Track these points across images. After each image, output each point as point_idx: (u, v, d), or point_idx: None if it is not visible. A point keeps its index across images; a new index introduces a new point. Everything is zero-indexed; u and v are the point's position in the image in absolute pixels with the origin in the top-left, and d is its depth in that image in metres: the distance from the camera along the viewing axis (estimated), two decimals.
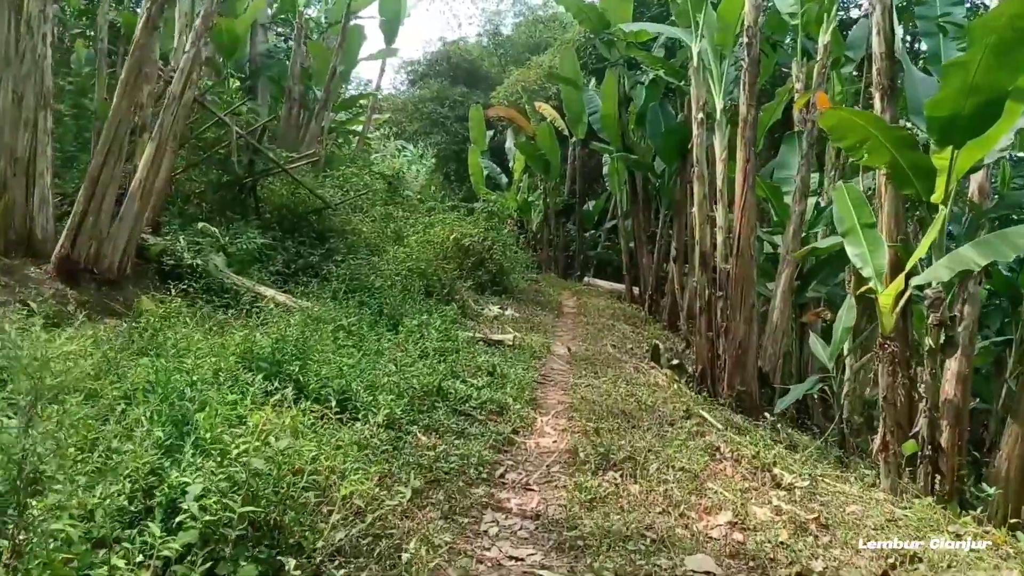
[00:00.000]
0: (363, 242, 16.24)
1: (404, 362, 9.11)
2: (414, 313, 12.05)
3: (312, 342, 8.84)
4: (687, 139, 20.05)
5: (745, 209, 12.63)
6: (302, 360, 7.89)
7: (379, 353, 9.61)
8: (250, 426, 5.58)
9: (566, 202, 33.27)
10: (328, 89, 21.59)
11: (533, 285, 22.46)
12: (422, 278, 14.15)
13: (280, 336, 8.41)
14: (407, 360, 9.25)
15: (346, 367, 8.05)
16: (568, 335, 15.65)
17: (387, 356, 9.43)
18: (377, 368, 8.52)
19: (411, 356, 9.53)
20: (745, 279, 12.64)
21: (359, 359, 8.78)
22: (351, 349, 9.42)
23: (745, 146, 12.65)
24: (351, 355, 9.03)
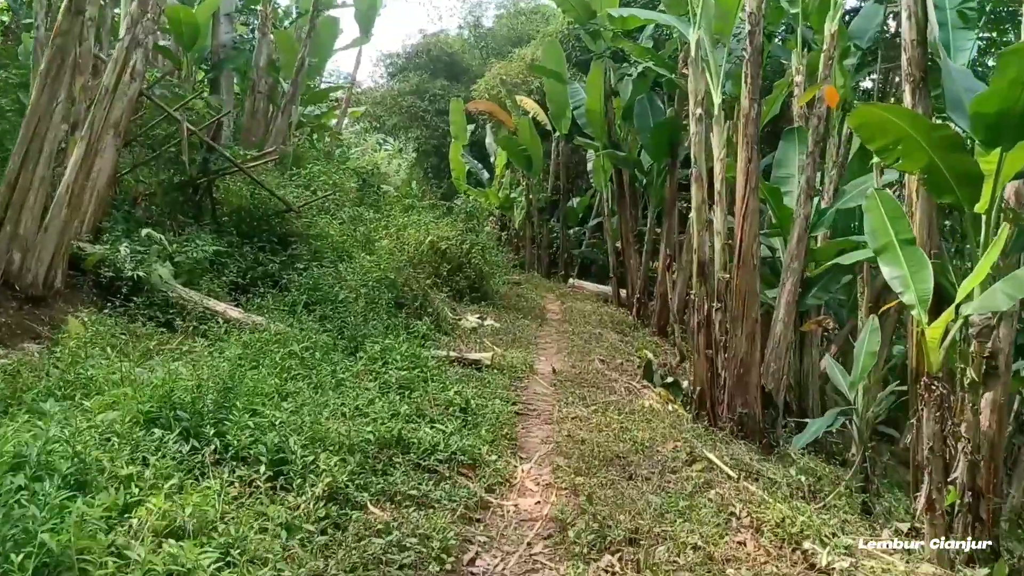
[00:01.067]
0: (329, 247, 14.83)
1: (360, 402, 7.70)
2: (378, 334, 10.66)
3: (250, 379, 7.45)
4: (677, 135, 18.79)
5: (747, 213, 11.26)
6: (230, 407, 6.48)
7: (333, 388, 8.22)
8: (135, 524, 4.21)
9: (549, 199, 31.93)
10: (296, 82, 20.07)
11: (514, 289, 21.05)
12: (391, 289, 12.75)
13: (210, 374, 7.01)
14: (364, 398, 7.84)
15: (287, 415, 6.62)
16: (552, 348, 14.27)
17: (341, 392, 8.04)
18: (326, 412, 7.12)
19: (370, 392, 8.13)
20: (747, 290, 11.28)
21: (305, 400, 7.38)
22: (299, 384, 8.04)
23: (747, 144, 11.27)
24: (297, 394, 7.65)
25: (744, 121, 11.35)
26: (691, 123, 11.55)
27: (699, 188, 11.34)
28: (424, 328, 12.01)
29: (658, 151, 19.35)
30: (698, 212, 11.30)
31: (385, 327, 11.43)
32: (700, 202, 11.31)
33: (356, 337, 10.29)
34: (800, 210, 12.70)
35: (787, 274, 12.70)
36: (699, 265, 11.25)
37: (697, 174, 11.36)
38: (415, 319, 12.49)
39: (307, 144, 28.04)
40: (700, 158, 11.39)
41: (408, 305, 12.77)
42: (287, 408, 6.91)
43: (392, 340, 10.21)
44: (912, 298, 7.24)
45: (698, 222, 11.29)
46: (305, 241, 14.48)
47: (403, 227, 16.49)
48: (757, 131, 11.42)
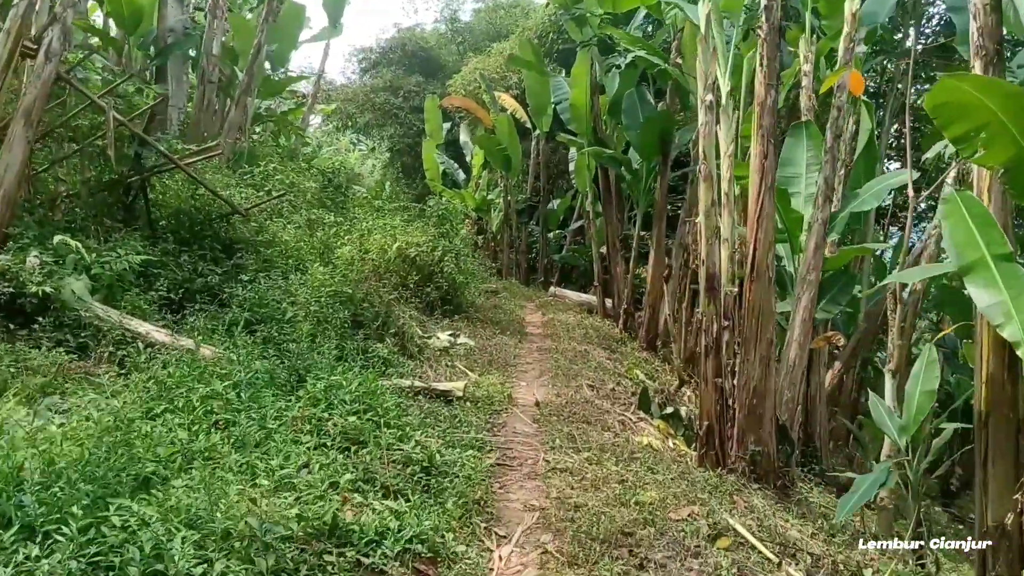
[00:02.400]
0: (282, 255, 13.01)
1: (289, 466, 5.91)
2: (327, 363, 8.85)
3: (148, 436, 5.69)
4: (669, 131, 17.10)
5: (762, 217, 9.53)
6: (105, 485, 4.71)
7: (259, 442, 6.43)
8: None
9: (528, 200, 30.24)
10: (252, 71, 18.14)
11: (492, 299, 19.26)
12: (348, 305, 10.93)
13: (96, 429, 5.26)
14: (295, 460, 6.05)
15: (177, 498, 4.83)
16: (534, 369, 12.52)
17: (268, 450, 6.25)
18: (237, 486, 5.32)
19: (304, 449, 6.33)
20: (762, 307, 9.55)
21: (216, 465, 5.61)
22: (215, 438, 6.24)
23: (762, 137, 9.54)
24: (210, 454, 5.89)
25: (759, 111, 9.63)
26: (699, 112, 9.80)
27: (708, 189, 9.59)
28: (385, 352, 10.26)
29: (648, 149, 17.63)
30: (707, 217, 9.55)
31: (337, 353, 9.65)
32: (709, 205, 9.55)
33: (299, 368, 8.47)
34: (818, 214, 11.03)
35: (802, 287, 11.00)
36: (708, 279, 9.49)
37: (706, 172, 9.60)
38: (376, 341, 10.71)
39: (271, 141, 26.25)
40: (710, 153, 9.64)
41: (367, 324, 10.97)
42: (181, 484, 5.10)
43: (343, 372, 8.38)
44: (1017, 331, 5.44)
45: (707, 229, 9.53)
46: (253, 249, 12.67)
47: (367, 232, 14.68)
48: (774, 122, 9.70)
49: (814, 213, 11.08)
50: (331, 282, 10.97)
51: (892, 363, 9.89)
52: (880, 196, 12.79)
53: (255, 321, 10.57)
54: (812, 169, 12.69)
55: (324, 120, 42.87)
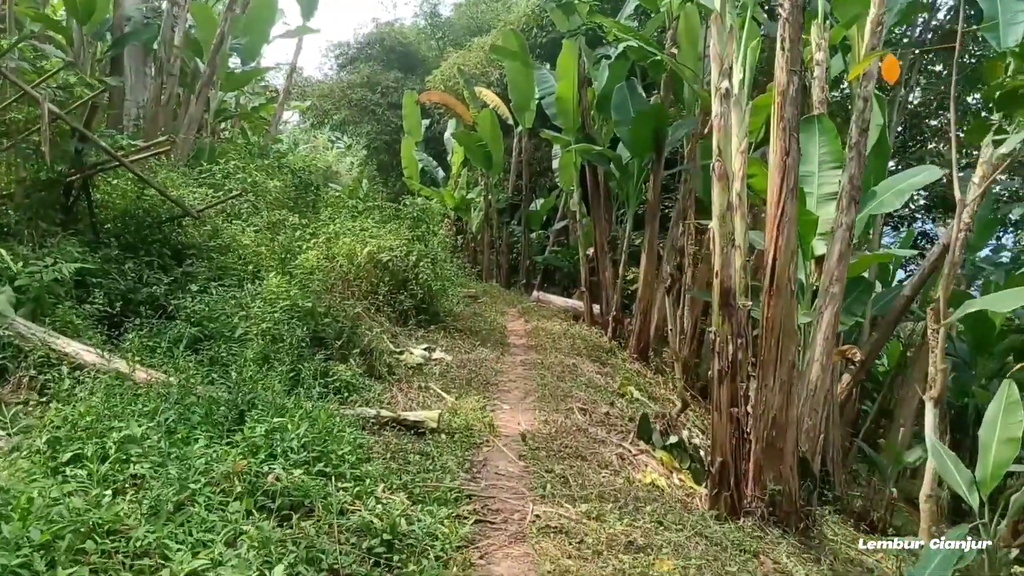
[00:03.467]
0: (239, 262, 11.57)
1: (215, 547, 4.51)
2: (277, 394, 7.43)
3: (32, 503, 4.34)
4: (663, 126, 15.79)
5: (783, 223, 8.22)
6: None
7: (179, 508, 5.02)
8: None
9: (510, 200, 28.83)
10: (213, 62, 16.65)
11: (471, 305, 17.86)
12: (308, 320, 9.50)
13: None
14: (221, 534, 4.64)
15: None
16: (518, 389, 11.12)
17: (186, 521, 4.85)
18: None
19: (234, 520, 4.91)
20: (783, 326, 8.24)
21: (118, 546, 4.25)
22: (122, 505, 4.85)
23: (784, 131, 8.23)
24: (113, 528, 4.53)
25: (780, 100, 8.32)
26: (713, 102, 8.41)
27: (724, 190, 8.21)
28: (348, 375, 8.85)
29: (640, 145, 16.28)
30: (722, 222, 8.17)
31: (291, 378, 8.25)
32: (725, 209, 8.17)
33: (241, 401, 7.04)
34: (842, 217, 9.74)
35: (825, 301, 9.68)
36: (723, 294, 8.11)
37: (722, 170, 8.21)
38: (339, 361, 9.29)
39: (240, 138, 24.77)
40: (726, 149, 8.26)
41: (329, 342, 9.54)
42: None
43: (293, 406, 6.97)
44: None
45: (721, 236, 8.15)
46: (205, 255, 11.24)
47: (334, 236, 13.25)
48: (797, 114, 8.38)
49: (838, 216, 9.77)
50: (287, 294, 9.52)
51: (935, 390, 8.54)
52: (903, 195, 11.55)
53: (203, 337, 9.21)
54: (827, 167, 11.40)
55: (303, 118, 41.41)
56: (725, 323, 8.10)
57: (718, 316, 8.16)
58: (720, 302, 8.13)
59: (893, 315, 13.57)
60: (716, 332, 8.16)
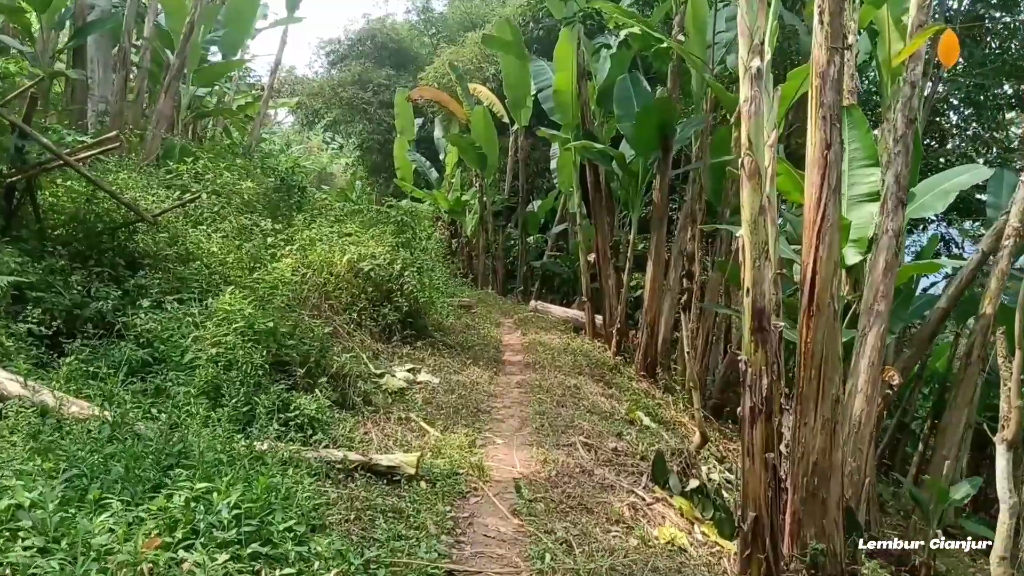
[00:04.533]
0: (203, 272, 10.22)
1: None
2: (217, 440, 6.09)
3: None
4: (670, 122, 14.43)
5: (824, 230, 6.92)
6: None
7: None
8: None
9: (506, 202, 27.51)
10: (183, 53, 15.22)
11: (463, 316, 16.52)
12: (269, 341, 8.15)
13: None
14: None
15: None
16: (513, 418, 9.77)
17: None
18: None
19: None
20: (826, 352, 6.92)
21: None
22: None
23: (823, 121, 6.93)
24: None
25: (819, 84, 7.01)
26: (743, 84, 7.07)
27: (755, 189, 6.86)
28: (314, 407, 7.49)
29: (645, 143, 14.94)
30: (754, 229, 6.82)
31: (243, 414, 6.95)
32: (756, 213, 6.83)
33: (172, 449, 5.69)
34: (888, 223, 8.45)
35: (869, 320, 8.37)
36: (756, 315, 6.77)
37: (753, 167, 6.88)
38: (304, 391, 7.96)
39: (226, 137, 23.43)
40: (757, 141, 6.92)
41: (294, 367, 8.20)
42: None
43: (232, 460, 5.62)
44: None
45: (753, 245, 6.81)
46: (162, 265, 9.90)
47: (311, 242, 11.93)
48: (839, 100, 7.06)
49: (881, 221, 8.46)
50: (242, 313, 8.16)
51: (1008, 431, 7.19)
52: (947, 197, 10.25)
53: (153, 361, 7.90)
54: (858, 165, 10.08)
55: (296, 118, 40.19)
56: (758, 351, 6.76)
57: (749, 342, 6.83)
58: (752, 325, 6.79)
59: (928, 330, 12.26)
60: (747, 361, 6.83)
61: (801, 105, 13.07)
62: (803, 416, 6.99)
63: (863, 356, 8.27)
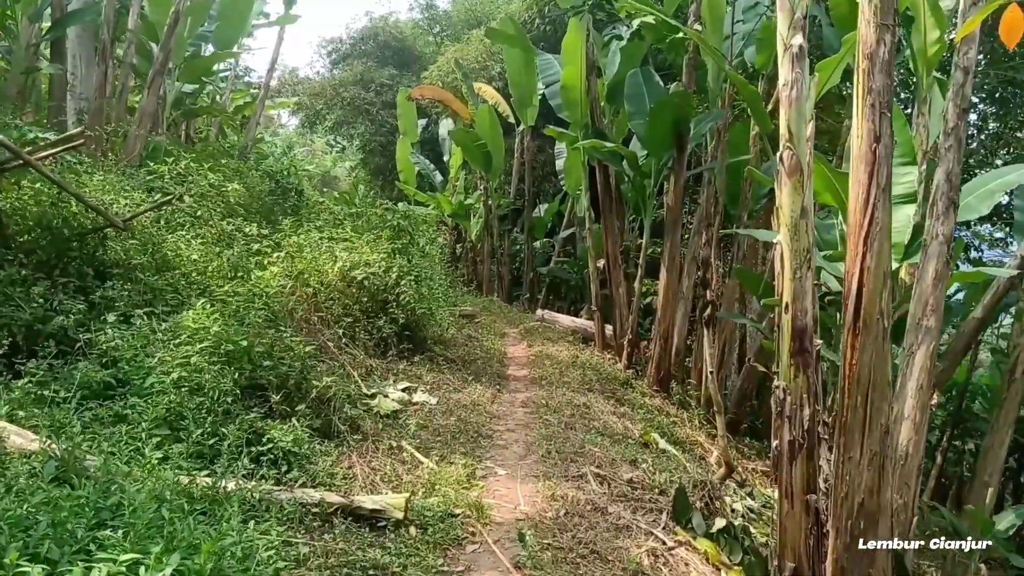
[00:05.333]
0: (179, 282, 9.33)
1: None
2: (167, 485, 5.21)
3: None
4: (685, 119, 13.55)
5: (872, 236, 5.98)
6: None
7: None
8: None
9: (512, 205, 26.61)
10: (167, 47, 14.33)
11: (466, 327, 15.62)
12: (243, 362, 7.25)
13: None
14: None
15: None
16: (517, 444, 8.86)
17: None
18: None
19: None
20: (874, 377, 5.99)
21: None
22: None
23: (871, 109, 5.97)
24: None
25: (866, 66, 6.06)
26: (782, 65, 6.15)
27: (796, 189, 5.95)
28: (290, 439, 6.59)
29: (658, 141, 14.05)
30: (794, 234, 5.93)
31: (209, 447, 6.08)
32: (798, 216, 5.93)
33: (105, 504, 4.81)
34: (938, 227, 7.52)
35: (917, 336, 7.44)
36: (796, 335, 5.87)
37: (794, 162, 5.96)
38: (281, 419, 7.07)
39: (219, 138, 22.56)
40: (798, 131, 6.01)
41: (271, 391, 7.30)
42: None
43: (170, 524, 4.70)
44: None
45: (794, 254, 5.91)
46: (132, 274, 9.00)
47: (299, 248, 11.05)
48: (890, 84, 6.12)
49: (931, 226, 7.54)
50: (210, 331, 7.25)
51: None
52: (992, 198, 9.36)
53: (116, 383, 7.04)
54: (895, 162, 9.18)
55: (299, 120, 39.38)
56: (799, 376, 5.86)
57: (788, 366, 5.93)
58: (791, 347, 5.89)
59: (962, 342, 11.31)
60: (785, 388, 5.93)
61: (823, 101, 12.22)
62: (847, 450, 6.07)
63: (911, 378, 7.36)
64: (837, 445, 6.17)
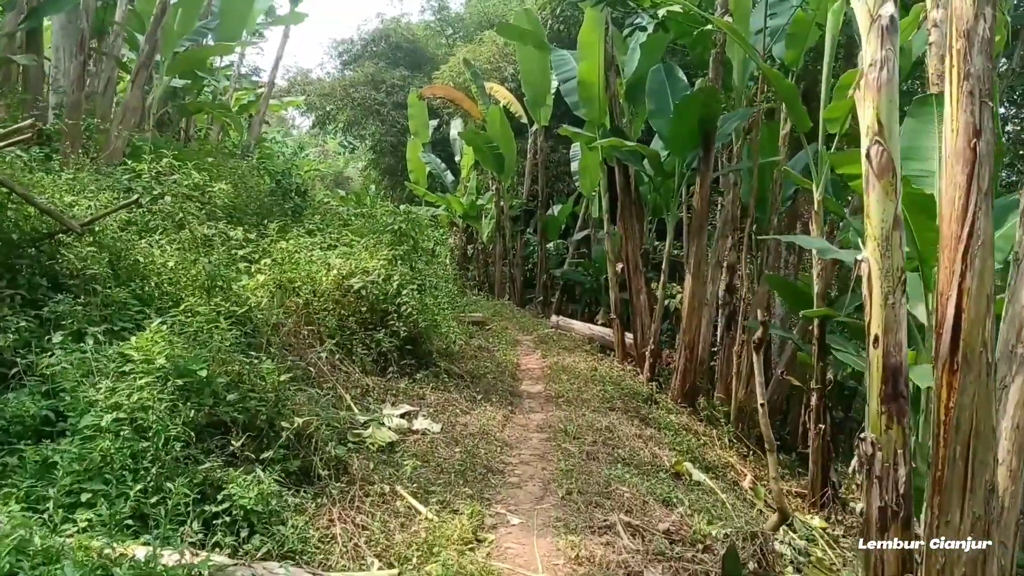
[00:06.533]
0: (149, 294, 8.00)
1: None
2: None
3: None
4: (712, 116, 12.20)
5: (972, 250, 4.66)
6: None
7: None
8: None
9: (524, 206, 25.25)
10: (153, 38, 12.93)
11: (476, 337, 14.26)
12: (204, 397, 5.89)
13: None
14: None
15: None
16: (534, 480, 7.49)
17: None
18: None
19: None
20: (976, 424, 4.67)
21: None
22: None
23: (969, 98, 4.64)
24: None
25: (963, 46, 4.71)
26: (869, 42, 4.74)
27: (888, 192, 4.57)
28: (254, 496, 5.23)
29: (683, 139, 12.70)
30: (884, 248, 4.55)
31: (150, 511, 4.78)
32: (891, 226, 4.54)
33: None
34: None
35: (1012, 367, 6.02)
36: (888, 375, 4.51)
37: (885, 160, 4.58)
38: (245, 465, 5.72)
39: (221, 137, 21.33)
40: (890, 122, 4.64)
41: (236, 430, 5.94)
42: None
43: None
44: None
45: (884, 274, 4.54)
46: (90, 285, 7.66)
47: (288, 255, 9.71)
48: (991, 69, 4.77)
49: (1021, 237, 6.14)
50: (161, 357, 5.87)
51: None
52: None
53: (57, 417, 5.72)
54: None
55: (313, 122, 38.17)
56: (892, 427, 4.49)
57: (877, 415, 4.56)
58: (882, 391, 4.52)
59: None
60: (875, 443, 4.56)
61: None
62: (943, 512, 4.73)
63: (1004, 416, 5.99)
64: (931, 506, 4.82)
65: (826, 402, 10.90)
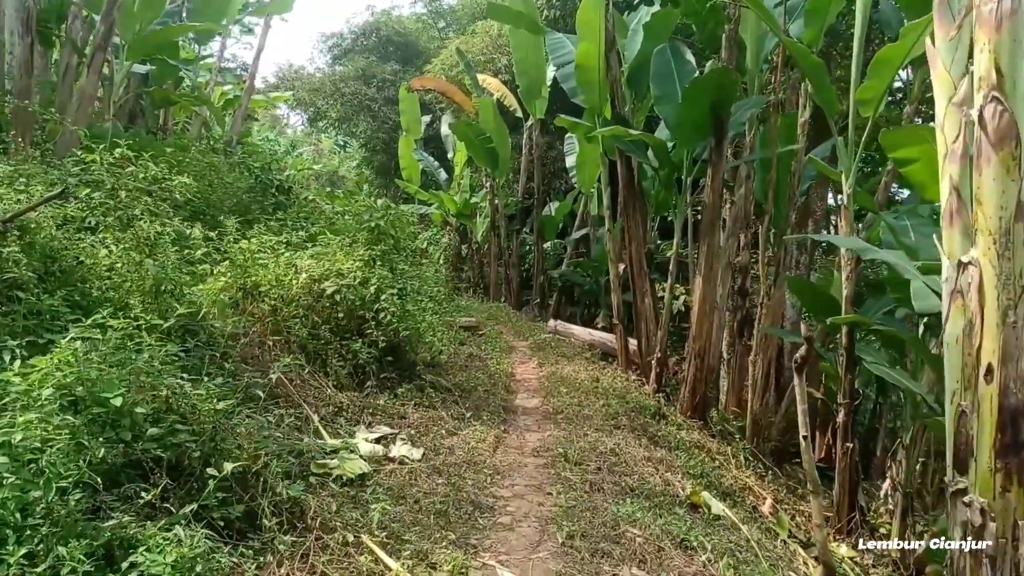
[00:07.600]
0: (87, 299, 6.85)
1: None
2: None
3: None
4: (725, 101, 11.07)
5: None
6: None
7: None
8: None
9: (520, 204, 24.14)
10: (109, 17, 11.70)
11: (466, 343, 13.13)
12: (121, 430, 4.73)
13: None
14: None
15: None
16: (528, 521, 6.30)
17: None
18: None
19: None
20: None
21: None
22: None
23: None
24: None
25: None
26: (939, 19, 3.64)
27: (1009, 166, 3.40)
28: (171, 561, 4.06)
29: (692, 127, 11.57)
30: (1002, 245, 3.38)
31: None
32: (1009, 215, 3.36)
33: None
34: None
35: None
36: (1005, 419, 3.34)
37: (1005, 121, 3.40)
38: (167, 520, 4.54)
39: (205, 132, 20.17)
40: (1013, 72, 3.47)
41: (159, 475, 4.78)
42: None
43: None
44: None
45: (1000, 280, 3.38)
46: (11, 292, 6.50)
47: (251, 256, 8.56)
48: None
49: None
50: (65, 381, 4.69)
51: None
52: None
53: None
54: None
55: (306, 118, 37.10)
56: (1012, 489, 3.33)
57: (989, 473, 3.40)
58: (997, 440, 3.35)
59: None
60: (985, 509, 3.39)
61: None
62: None
63: None
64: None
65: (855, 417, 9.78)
